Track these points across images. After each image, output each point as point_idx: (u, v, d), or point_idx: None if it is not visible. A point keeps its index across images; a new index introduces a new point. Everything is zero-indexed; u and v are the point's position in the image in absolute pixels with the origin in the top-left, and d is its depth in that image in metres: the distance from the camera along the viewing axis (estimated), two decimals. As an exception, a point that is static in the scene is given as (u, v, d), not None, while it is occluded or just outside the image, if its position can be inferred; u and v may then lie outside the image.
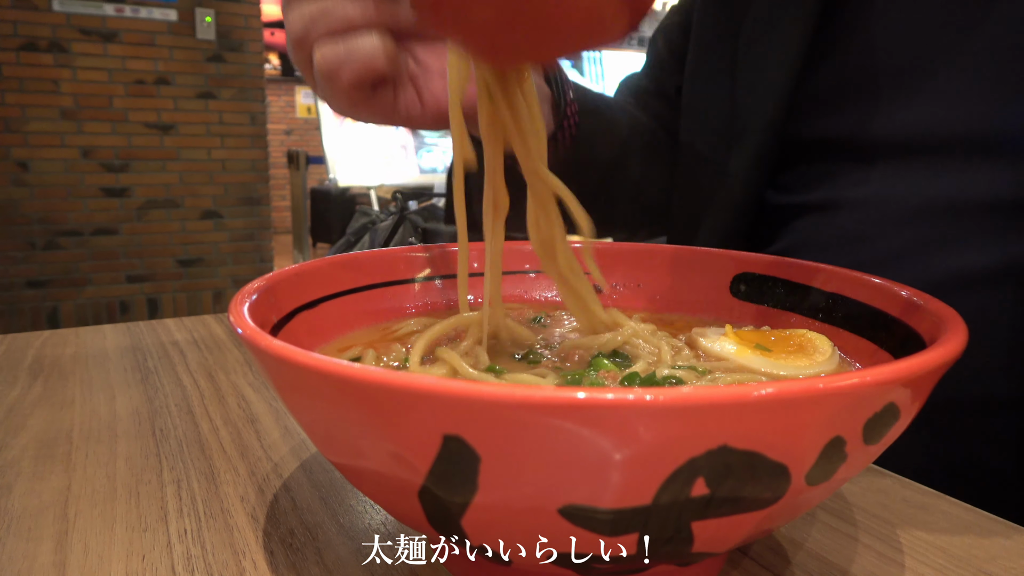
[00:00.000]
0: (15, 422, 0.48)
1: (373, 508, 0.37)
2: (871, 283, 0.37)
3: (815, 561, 0.33)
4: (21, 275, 3.55)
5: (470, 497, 0.22)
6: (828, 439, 0.22)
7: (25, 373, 0.58)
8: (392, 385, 0.21)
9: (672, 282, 0.47)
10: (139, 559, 0.32)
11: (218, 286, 4.02)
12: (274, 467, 0.42)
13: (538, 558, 0.25)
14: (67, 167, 3.58)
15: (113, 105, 3.64)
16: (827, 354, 0.36)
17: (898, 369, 0.22)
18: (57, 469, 0.41)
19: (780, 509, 0.24)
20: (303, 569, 0.32)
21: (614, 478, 0.21)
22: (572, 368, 0.36)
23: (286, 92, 7.62)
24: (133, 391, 0.54)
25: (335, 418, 0.24)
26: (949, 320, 0.29)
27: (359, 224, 3.89)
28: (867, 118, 0.52)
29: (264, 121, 4.01)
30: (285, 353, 0.24)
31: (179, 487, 0.39)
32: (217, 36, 3.80)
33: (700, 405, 0.19)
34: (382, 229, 3.71)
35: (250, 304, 0.32)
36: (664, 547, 0.24)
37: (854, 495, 0.39)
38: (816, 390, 0.20)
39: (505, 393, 0.20)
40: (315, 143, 5.25)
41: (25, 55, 3.42)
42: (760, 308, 0.44)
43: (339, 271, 0.43)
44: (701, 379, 0.33)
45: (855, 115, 0.53)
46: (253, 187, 4.02)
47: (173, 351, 0.64)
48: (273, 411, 0.50)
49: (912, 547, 0.34)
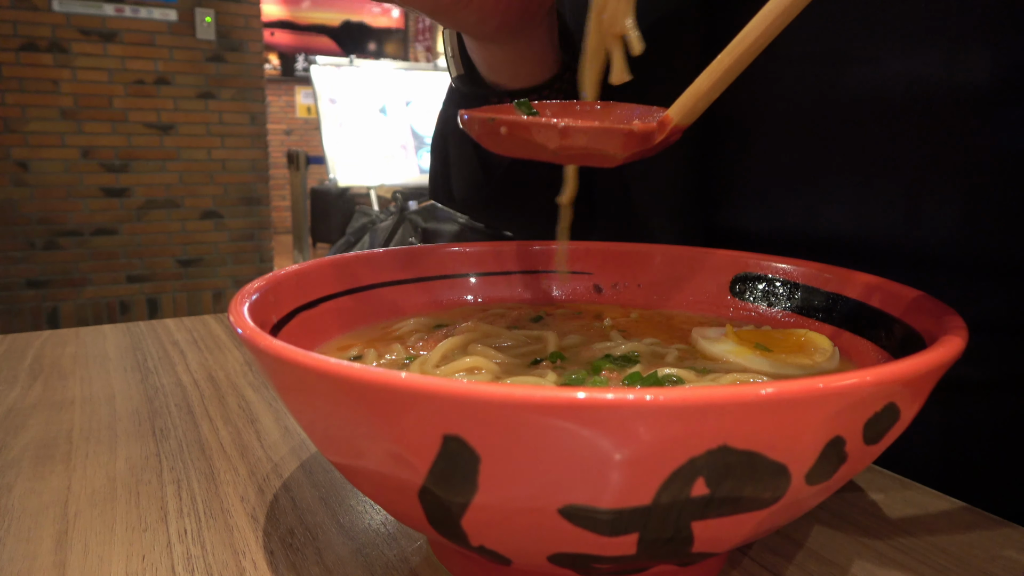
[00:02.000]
0: (15, 422, 0.48)
1: (373, 508, 0.37)
2: (871, 283, 0.38)
3: (815, 561, 0.33)
4: (21, 275, 3.55)
5: (470, 497, 0.22)
6: (828, 439, 0.22)
7: (25, 373, 0.58)
8: (392, 385, 0.21)
9: (672, 282, 0.47)
10: (139, 559, 0.32)
11: (218, 286, 4.02)
12: (274, 467, 0.42)
13: (538, 558, 0.25)
14: (67, 167, 3.58)
15: (113, 105, 3.64)
16: (827, 354, 0.36)
17: (898, 369, 0.22)
18: (57, 469, 0.41)
19: (780, 509, 0.24)
20: (303, 569, 0.32)
21: (614, 478, 0.21)
22: (573, 368, 0.36)
23: (286, 92, 7.62)
24: (133, 391, 0.54)
25: (335, 418, 0.24)
26: (949, 320, 0.29)
27: (359, 224, 3.89)
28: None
29: (264, 121, 4.02)
30: (285, 353, 0.24)
31: (179, 487, 0.39)
32: (217, 36, 3.80)
33: (700, 405, 0.19)
34: (382, 229, 3.70)
35: (250, 304, 0.32)
36: (664, 547, 0.24)
37: (855, 495, 0.39)
38: (816, 390, 0.20)
39: (505, 393, 0.20)
40: (315, 143, 5.25)
41: (25, 55, 3.43)
42: (760, 308, 0.44)
43: (339, 271, 0.43)
44: (701, 379, 0.33)
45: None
46: (253, 187, 4.03)
47: (173, 351, 0.64)
48: (273, 411, 0.50)
49: (912, 547, 0.34)
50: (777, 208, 0.54)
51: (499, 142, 0.33)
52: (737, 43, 0.30)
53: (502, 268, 0.49)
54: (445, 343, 0.37)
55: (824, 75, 0.49)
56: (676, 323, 0.44)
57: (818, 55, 0.49)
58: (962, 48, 0.43)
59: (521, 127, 0.32)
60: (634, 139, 0.31)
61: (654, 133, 0.32)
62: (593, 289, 0.50)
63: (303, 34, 7.67)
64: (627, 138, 0.31)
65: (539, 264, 0.50)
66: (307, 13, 7.65)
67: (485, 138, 0.33)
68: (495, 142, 0.33)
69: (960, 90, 0.44)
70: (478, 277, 0.49)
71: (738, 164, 0.56)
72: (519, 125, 0.32)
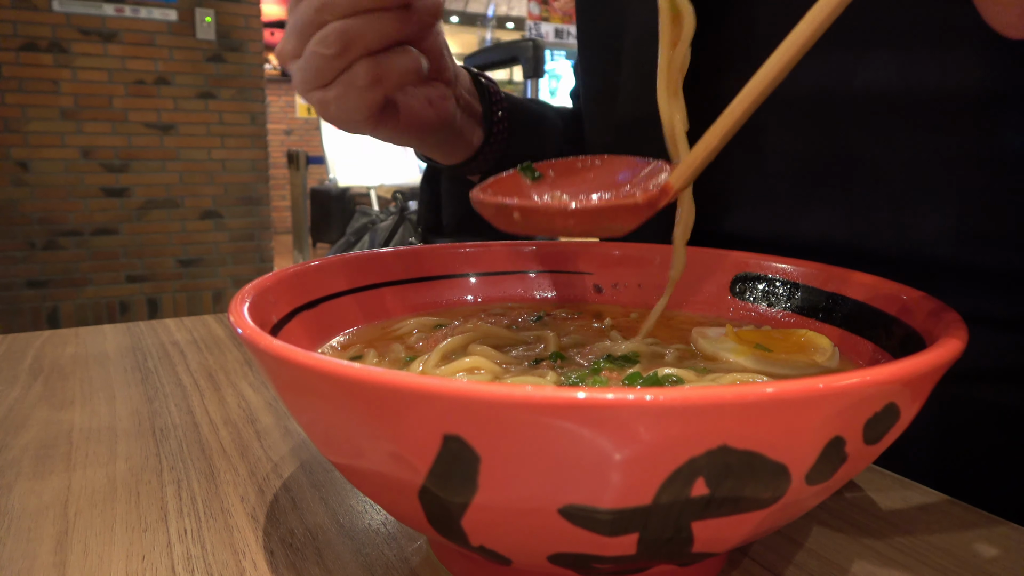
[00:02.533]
0: (15, 422, 0.48)
1: (373, 508, 0.37)
2: (871, 283, 0.38)
3: (815, 561, 0.33)
4: (21, 275, 3.55)
5: (470, 497, 0.22)
6: (828, 439, 0.22)
7: (25, 373, 0.58)
8: (392, 385, 0.21)
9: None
10: (139, 559, 0.32)
11: (218, 286, 4.02)
12: (274, 467, 0.42)
13: (538, 558, 0.25)
14: (67, 167, 3.58)
15: (113, 105, 3.64)
16: (827, 354, 0.36)
17: (898, 369, 0.22)
18: (57, 469, 0.41)
19: (780, 509, 0.24)
20: (303, 569, 0.32)
21: (614, 478, 0.21)
22: (573, 368, 0.36)
23: (286, 92, 7.62)
24: (133, 391, 0.54)
25: (335, 418, 0.24)
26: (949, 320, 0.29)
27: (359, 224, 3.89)
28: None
29: (264, 121, 4.01)
30: (285, 353, 0.24)
31: (179, 487, 0.39)
32: (217, 36, 3.80)
33: (700, 405, 0.19)
34: (382, 229, 3.70)
35: (250, 304, 0.32)
36: (664, 547, 0.24)
37: (855, 495, 0.39)
38: (816, 390, 0.20)
39: (505, 393, 0.20)
40: (315, 143, 5.26)
41: (25, 55, 3.43)
42: (760, 308, 0.44)
43: (338, 271, 0.43)
44: (701, 379, 0.33)
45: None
46: (253, 187, 4.03)
47: (173, 351, 0.64)
48: (273, 411, 0.50)
49: (912, 547, 0.34)
50: (767, 214, 0.54)
51: (511, 224, 0.34)
52: (729, 112, 0.31)
53: (502, 268, 0.49)
54: (445, 343, 0.37)
55: (818, 78, 0.49)
56: (676, 323, 0.44)
57: (813, 58, 0.49)
58: (956, 50, 0.43)
59: (533, 212, 0.33)
60: (640, 211, 0.32)
61: (657, 200, 0.32)
62: (593, 289, 0.50)
63: (303, 34, 7.65)
64: (633, 212, 0.32)
65: (539, 264, 0.50)
66: (307, 13, 7.64)
67: (497, 219, 0.35)
68: (507, 223, 0.34)
69: (954, 93, 0.44)
70: (478, 277, 0.49)
71: (730, 170, 0.56)
72: (531, 210, 0.33)
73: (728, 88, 0.30)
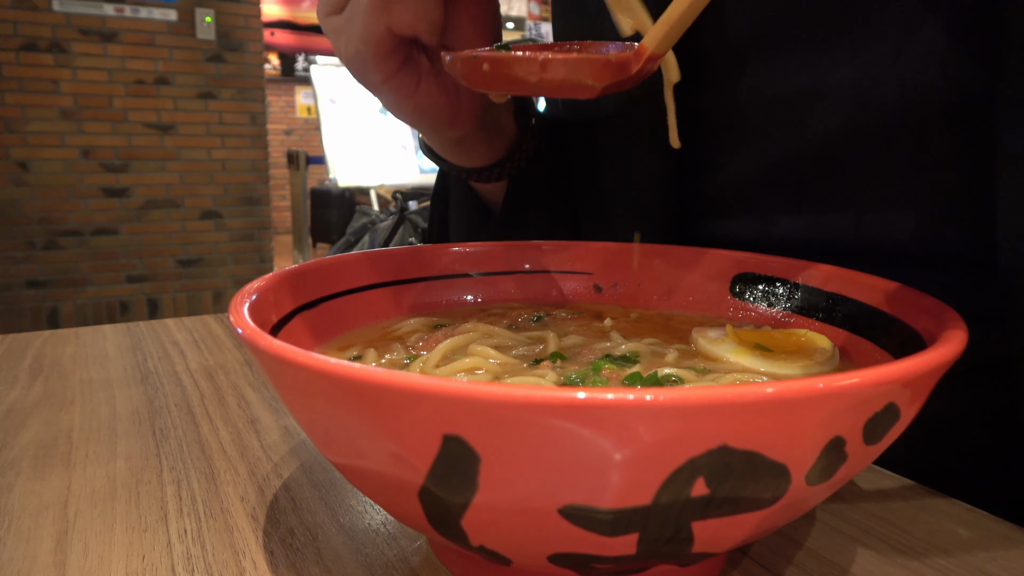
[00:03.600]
0: (15, 422, 0.48)
1: (373, 508, 0.37)
2: (871, 283, 0.38)
3: (815, 561, 0.33)
4: (21, 275, 3.56)
5: (470, 497, 0.22)
6: (828, 439, 0.22)
7: (25, 373, 0.58)
8: (392, 385, 0.21)
9: (672, 282, 0.47)
10: (139, 559, 0.32)
11: (218, 286, 4.03)
12: (274, 467, 0.42)
13: (538, 558, 0.25)
14: (67, 167, 3.58)
15: (113, 105, 3.64)
16: (827, 354, 0.36)
17: (898, 369, 0.22)
18: (57, 469, 0.41)
19: (780, 509, 0.24)
20: (303, 569, 0.32)
21: (614, 478, 0.21)
22: (573, 368, 0.36)
23: (286, 92, 7.62)
24: (133, 391, 0.54)
25: (335, 418, 0.24)
26: (949, 320, 0.29)
27: (359, 224, 3.89)
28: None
29: (264, 121, 4.02)
30: (285, 353, 0.24)
31: (179, 487, 0.39)
32: (217, 36, 3.80)
33: (700, 405, 0.19)
34: (382, 229, 3.70)
35: (250, 304, 0.32)
36: (664, 547, 0.24)
37: (855, 495, 0.39)
38: (816, 390, 0.20)
39: (505, 393, 0.20)
40: (315, 143, 5.25)
41: (25, 55, 3.43)
42: (760, 308, 0.44)
43: (338, 271, 0.43)
44: (701, 379, 0.33)
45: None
46: (253, 187, 4.03)
47: (173, 351, 0.64)
48: (273, 411, 0.50)
49: (912, 547, 0.34)
50: (746, 217, 0.55)
51: (482, 79, 0.34)
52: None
53: (502, 268, 0.49)
54: (445, 343, 0.37)
55: (801, 75, 0.49)
56: (676, 323, 0.44)
57: (795, 53, 0.49)
58: (947, 48, 0.43)
59: (502, 62, 0.34)
60: (611, 68, 0.33)
61: (630, 62, 0.33)
62: (593, 289, 0.50)
63: (303, 34, 7.67)
64: (604, 67, 0.33)
65: (539, 264, 0.50)
66: (307, 13, 7.65)
67: (469, 77, 0.35)
68: (479, 80, 0.35)
69: (917, 91, 0.44)
70: (478, 277, 0.49)
71: (714, 174, 0.56)
72: (500, 60, 0.34)
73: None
